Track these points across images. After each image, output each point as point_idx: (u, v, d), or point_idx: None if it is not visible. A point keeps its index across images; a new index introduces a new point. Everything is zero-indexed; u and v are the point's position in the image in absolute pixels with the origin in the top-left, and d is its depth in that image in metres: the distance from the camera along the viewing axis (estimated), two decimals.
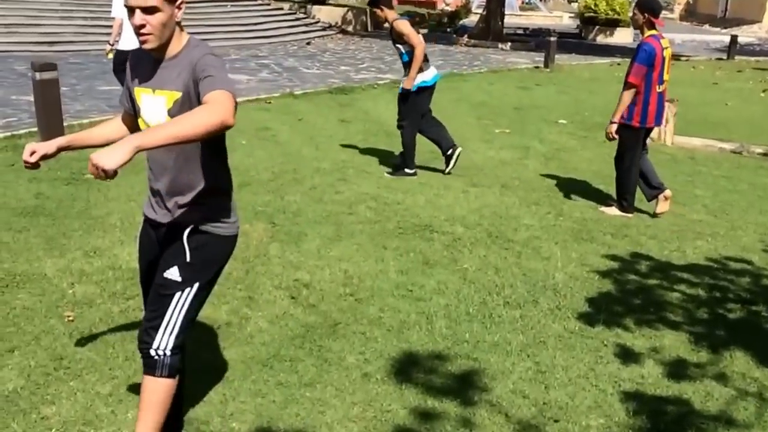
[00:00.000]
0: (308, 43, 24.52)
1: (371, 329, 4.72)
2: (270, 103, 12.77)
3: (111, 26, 9.93)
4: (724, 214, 7.73)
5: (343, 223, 6.67)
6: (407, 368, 4.26)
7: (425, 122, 8.46)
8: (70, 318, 4.69)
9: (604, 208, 7.57)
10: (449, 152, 8.54)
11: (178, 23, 2.98)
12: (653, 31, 7.13)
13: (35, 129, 9.37)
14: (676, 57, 26.77)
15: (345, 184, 7.97)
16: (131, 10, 2.88)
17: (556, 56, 21.02)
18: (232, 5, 25.29)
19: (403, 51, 8.19)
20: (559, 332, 4.81)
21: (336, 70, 18.47)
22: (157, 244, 3.20)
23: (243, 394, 3.93)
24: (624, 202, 7.47)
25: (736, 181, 9.22)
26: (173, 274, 3.07)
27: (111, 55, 10.41)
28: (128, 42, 9.87)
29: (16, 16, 19.07)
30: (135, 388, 3.88)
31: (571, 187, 8.36)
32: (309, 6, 29.63)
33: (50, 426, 3.60)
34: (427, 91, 8.33)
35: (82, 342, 4.38)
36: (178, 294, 3.08)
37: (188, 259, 3.06)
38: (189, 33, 3.05)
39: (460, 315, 4.99)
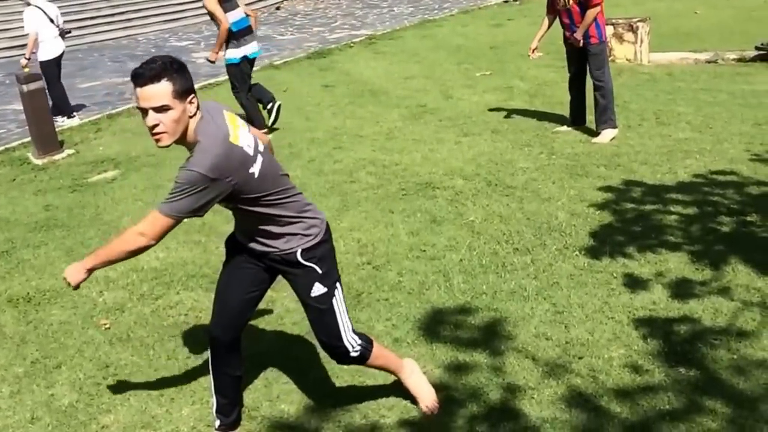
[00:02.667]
0: (278, 8, 24.39)
1: (393, 294, 4.95)
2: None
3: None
4: (708, 129, 7.95)
5: (347, 192, 6.86)
6: (434, 328, 4.50)
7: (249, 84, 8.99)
8: (107, 326, 4.88)
9: (595, 139, 7.77)
10: (269, 106, 9.09)
11: (193, 114, 3.03)
12: None
13: (28, 139, 9.46)
14: None
15: (342, 152, 8.13)
16: (144, 111, 2.96)
17: None
18: None
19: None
20: (570, 271, 5.05)
21: (310, 33, 18.50)
22: (260, 267, 3.46)
23: (285, 375, 4.14)
24: (613, 116, 7.77)
25: (715, 92, 9.42)
26: (319, 289, 3.38)
27: (27, 69, 10.35)
28: (50, 51, 10.60)
29: None
30: (184, 386, 4.11)
31: (558, 122, 8.52)
32: None
33: None
34: (246, 61, 8.84)
35: (123, 348, 4.59)
36: (334, 300, 3.42)
37: (320, 271, 3.36)
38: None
39: (474, 268, 5.22)
